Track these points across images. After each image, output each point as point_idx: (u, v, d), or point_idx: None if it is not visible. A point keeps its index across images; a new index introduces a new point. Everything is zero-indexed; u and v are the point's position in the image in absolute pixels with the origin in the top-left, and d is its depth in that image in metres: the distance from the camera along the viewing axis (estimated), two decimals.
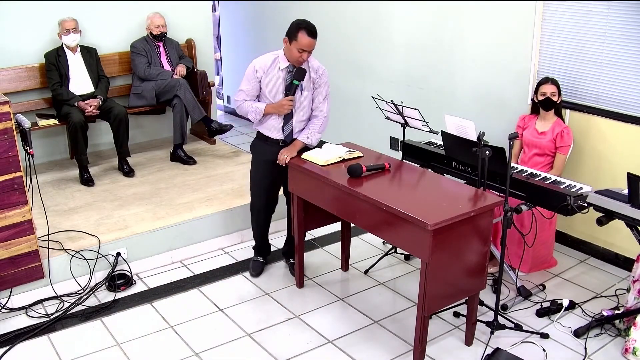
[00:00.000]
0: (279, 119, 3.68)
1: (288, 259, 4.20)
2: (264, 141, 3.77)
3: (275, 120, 3.68)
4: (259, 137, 3.81)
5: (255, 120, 3.70)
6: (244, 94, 3.67)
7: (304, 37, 3.46)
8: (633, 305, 3.35)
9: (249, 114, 3.68)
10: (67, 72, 5.02)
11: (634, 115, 3.91)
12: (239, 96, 3.70)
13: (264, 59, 3.62)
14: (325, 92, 3.73)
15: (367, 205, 3.18)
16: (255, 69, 3.61)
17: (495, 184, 3.70)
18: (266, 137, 3.75)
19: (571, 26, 4.12)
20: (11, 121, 3.42)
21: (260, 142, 3.81)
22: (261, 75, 3.60)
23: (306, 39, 3.46)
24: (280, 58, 3.61)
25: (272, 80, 3.60)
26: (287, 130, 3.70)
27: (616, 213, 3.18)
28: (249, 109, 3.66)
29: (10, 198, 3.52)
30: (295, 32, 3.46)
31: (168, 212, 4.41)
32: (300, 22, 3.49)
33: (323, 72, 3.71)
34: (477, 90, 4.81)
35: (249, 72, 3.63)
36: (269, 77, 3.60)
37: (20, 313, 3.66)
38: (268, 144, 3.76)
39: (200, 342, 3.41)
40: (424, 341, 3.11)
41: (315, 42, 3.51)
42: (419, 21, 5.13)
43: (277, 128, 3.70)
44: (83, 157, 4.92)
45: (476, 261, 3.11)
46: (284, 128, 3.70)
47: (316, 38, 3.50)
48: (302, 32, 3.45)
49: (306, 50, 3.50)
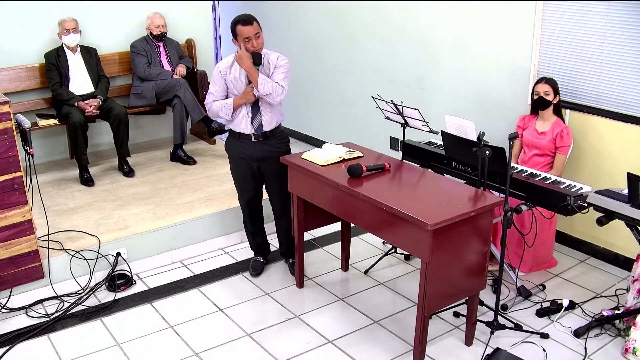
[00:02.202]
0: (247, 114, 3.72)
1: (287, 258, 4.20)
2: (237, 139, 3.81)
3: (244, 115, 3.73)
4: (232, 135, 3.85)
5: (227, 116, 3.76)
6: (212, 95, 3.76)
7: (241, 28, 3.57)
8: (633, 305, 3.35)
9: (220, 112, 3.74)
10: (67, 72, 5.02)
11: (634, 115, 3.91)
12: (209, 98, 3.78)
13: (225, 60, 3.75)
14: (284, 72, 3.71)
15: (367, 205, 3.18)
16: (219, 70, 3.72)
17: (495, 184, 3.70)
18: (239, 133, 3.79)
19: (571, 26, 4.12)
20: (11, 121, 3.43)
21: (233, 140, 3.85)
22: (225, 74, 3.70)
23: (244, 28, 3.57)
24: None
25: (237, 76, 3.69)
26: (256, 123, 3.74)
27: (616, 213, 3.18)
28: (219, 107, 3.74)
29: (10, 198, 3.52)
30: (234, 28, 3.60)
31: (168, 212, 4.41)
32: (235, 18, 3.61)
33: (283, 61, 3.74)
34: (477, 90, 4.81)
35: (214, 74, 3.74)
36: (232, 75, 3.69)
37: (20, 313, 3.67)
38: (241, 141, 3.79)
39: (200, 342, 3.41)
40: (424, 341, 3.11)
41: (253, 27, 3.58)
42: (419, 21, 5.13)
43: (246, 122, 3.74)
44: (83, 157, 4.92)
45: (476, 261, 3.11)
46: (254, 121, 3.73)
47: (253, 23, 3.58)
48: (239, 26, 3.58)
49: (251, 37, 3.58)
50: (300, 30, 6.47)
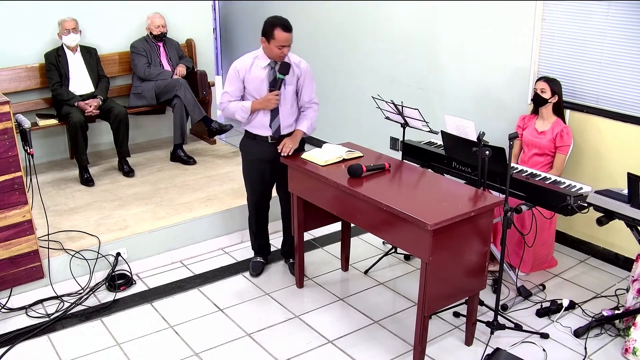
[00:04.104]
0: (265, 116, 3.69)
1: (287, 258, 4.20)
2: (253, 139, 3.79)
3: (262, 117, 3.70)
4: (247, 135, 3.82)
5: (243, 119, 3.71)
6: (228, 95, 3.70)
7: (280, 33, 3.50)
8: (633, 305, 3.35)
9: (236, 114, 3.69)
10: (67, 72, 5.02)
11: (634, 115, 3.91)
12: (224, 98, 3.72)
13: (243, 59, 3.67)
14: (312, 85, 3.78)
15: (367, 205, 3.18)
16: (236, 70, 3.64)
17: (495, 184, 3.70)
18: (254, 135, 3.77)
19: (571, 26, 4.12)
20: (11, 121, 3.43)
21: (249, 141, 3.82)
22: (243, 75, 3.64)
23: (283, 34, 3.51)
24: (261, 56, 3.65)
25: (256, 78, 3.64)
26: (274, 126, 3.72)
27: (616, 213, 3.18)
28: (235, 109, 3.68)
29: (10, 198, 3.52)
30: (271, 30, 3.51)
31: (168, 212, 4.41)
32: (274, 20, 3.54)
33: (306, 66, 3.75)
34: (477, 90, 4.81)
35: (230, 74, 3.67)
36: (252, 76, 3.64)
37: (20, 313, 3.67)
38: (257, 142, 3.77)
39: (200, 342, 3.41)
40: (424, 341, 3.11)
41: (291, 35, 3.55)
42: (419, 21, 5.13)
43: (265, 125, 3.71)
44: (83, 157, 4.92)
45: (476, 261, 3.11)
46: (272, 124, 3.71)
47: (292, 32, 3.54)
48: (278, 29, 3.49)
49: (285, 46, 3.54)
50: (301, 30, 6.45)
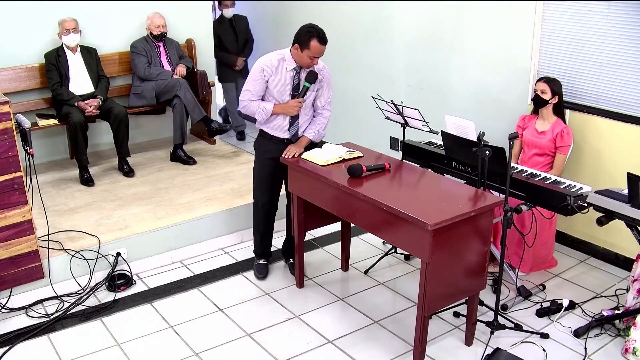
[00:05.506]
0: (285, 119, 3.70)
1: (288, 258, 4.20)
2: (269, 139, 3.78)
3: (281, 120, 3.70)
4: (263, 135, 3.81)
5: (262, 120, 3.71)
6: (250, 94, 3.67)
7: (316, 45, 3.47)
8: (633, 305, 3.35)
9: (256, 114, 3.68)
10: (67, 72, 5.02)
11: (634, 115, 3.91)
12: (246, 96, 3.68)
13: (270, 59, 3.62)
14: (330, 91, 3.78)
15: (367, 205, 3.18)
16: (262, 69, 3.60)
17: (495, 184, 3.70)
18: (271, 135, 3.76)
19: (571, 26, 4.12)
20: (11, 121, 3.42)
21: (264, 141, 3.81)
22: (269, 75, 3.61)
23: (319, 46, 3.48)
24: (287, 59, 3.61)
25: (280, 80, 3.61)
26: (293, 130, 3.73)
27: (616, 213, 3.18)
28: (256, 109, 3.66)
29: (10, 198, 3.52)
30: (307, 39, 3.46)
31: (168, 212, 4.41)
32: (311, 29, 3.48)
33: (327, 72, 3.75)
34: (477, 90, 4.81)
35: (255, 72, 3.62)
36: (277, 78, 3.61)
37: (20, 313, 3.67)
38: (273, 142, 3.77)
39: (200, 342, 3.41)
40: (424, 341, 3.11)
41: (325, 48, 3.53)
42: (419, 21, 5.13)
43: (283, 128, 3.72)
44: (83, 157, 4.92)
45: (476, 261, 3.11)
46: (290, 128, 3.72)
47: (327, 44, 3.52)
48: (314, 40, 3.46)
49: (317, 57, 3.53)
50: None
